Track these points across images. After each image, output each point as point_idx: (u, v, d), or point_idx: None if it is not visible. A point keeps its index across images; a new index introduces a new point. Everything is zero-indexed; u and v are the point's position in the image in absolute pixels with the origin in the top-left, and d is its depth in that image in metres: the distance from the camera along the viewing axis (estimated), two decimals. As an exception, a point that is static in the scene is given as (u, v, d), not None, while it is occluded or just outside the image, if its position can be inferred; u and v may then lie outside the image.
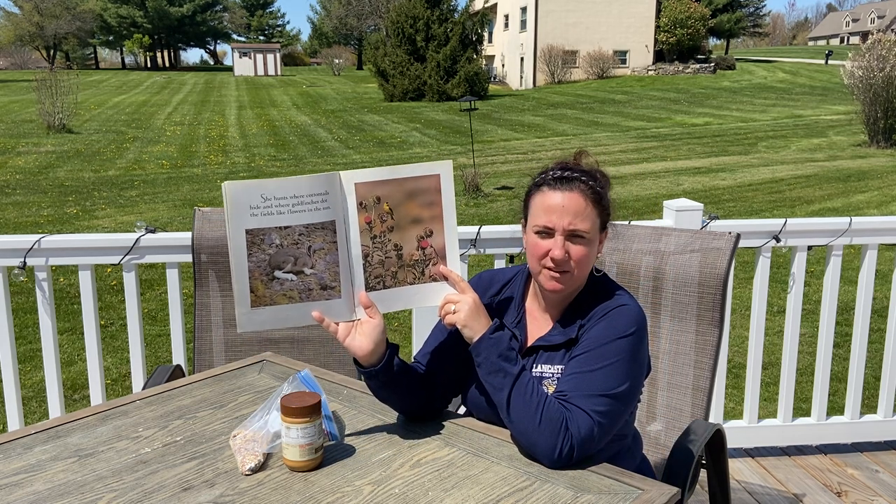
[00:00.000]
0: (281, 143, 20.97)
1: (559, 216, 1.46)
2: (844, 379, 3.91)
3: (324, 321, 1.44)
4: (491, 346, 1.43)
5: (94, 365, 2.76)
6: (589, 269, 1.53)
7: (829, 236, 2.89)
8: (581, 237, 1.47)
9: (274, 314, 1.44)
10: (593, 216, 1.48)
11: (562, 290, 1.51)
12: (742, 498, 2.76)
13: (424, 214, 1.46)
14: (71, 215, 10.81)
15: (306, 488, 1.32)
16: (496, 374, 1.43)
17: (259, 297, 1.43)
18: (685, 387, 2.05)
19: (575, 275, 1.49)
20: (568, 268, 1.48)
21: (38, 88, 21.52)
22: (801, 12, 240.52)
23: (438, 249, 1.47)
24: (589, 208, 1.48)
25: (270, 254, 1.42)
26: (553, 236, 1.47)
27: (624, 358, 1.44)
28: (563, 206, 1.46)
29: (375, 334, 1.45)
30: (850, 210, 10.39)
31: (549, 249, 1.47)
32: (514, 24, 47.39)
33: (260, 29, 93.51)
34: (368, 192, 1.44)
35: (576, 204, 1.46)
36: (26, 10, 72.85)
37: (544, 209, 1.48)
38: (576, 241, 1.47)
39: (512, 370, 1.42)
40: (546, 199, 1.48)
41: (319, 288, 1.45)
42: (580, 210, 1.47)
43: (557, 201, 1.47)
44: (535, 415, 1.38)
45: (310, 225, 1.42)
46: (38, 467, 1.41)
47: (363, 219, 1.45)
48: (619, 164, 15.80)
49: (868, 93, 16.42)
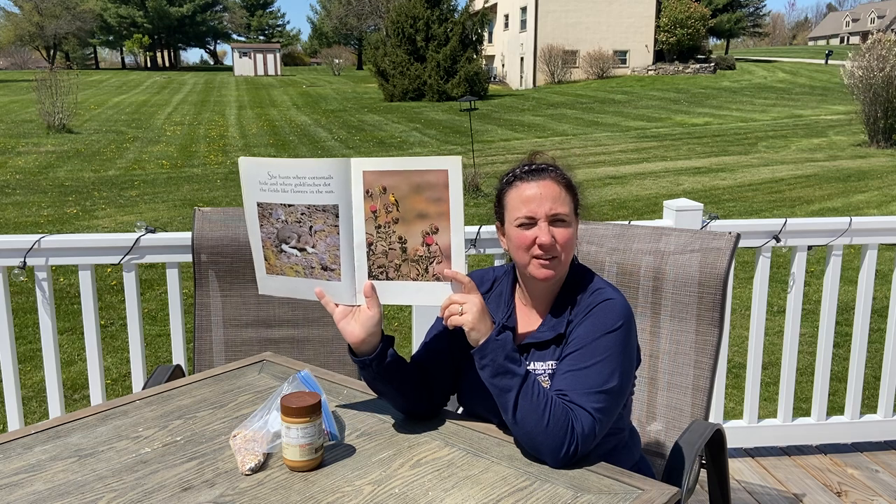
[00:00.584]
0: (281, 143, 20.97)
1: (538, 204, 1.51)
2: (844, 379, 3.91)
3: (324, 298, 1.50)
4: (497, 348, 1.42)
5: (94, 365, 2.76)
6: (573, 253, 1.57)
7: (829, 236, 2.89)
8: (563, 220, 1.52)
9: (284, 283, 1.55)
10: (569, 200, 1.55)
11: (553, 276, 1.53)
12: (742, 498, 2.76)
13: (431, 210, 1.43)
14: (71, 215, 10.81)
15: (306, 488, 1.32)
16: (503, 377, 1.42)
17: (272, 266, 1.54)
18: (685, 387, 2.05)
19: (562, 259, 1.53)
20: (556, 252, 1.52)
21: (38, 88, 21.52)
22: (801, 12, 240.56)
23: (444, 248, 1.45)
24: (563, 193, 1.54)
25: (277, 228, 1.51)
26: (536, 224, 1.51)
27: (615, 352, 1.47)
28: (540, 194, 1.52)
29: (370, 325, 1.47)
30: (850, 210, 10.39)
31: (535, 238, 1.51)
32: (514, 24, 47.39)
33: (260, 29, 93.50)
34: (375, 181, 1.44)
35: (551, 190, 1.52)
36: (26, 10, 72.85)
37: (522, 201, 1.52)
38: (558, 225, 1.52)
39: (519, 371, 1.42)
40: (522, 192, 1.53)
41: (321, 268, 1.50)
42: (556, 195, 1.52)
43: (534, 191, 1.52)
44: (543, 416, 1.38)
45: (311, 206, 1.47)
46: (38, 467, 1.41)
47: (369, 207, 1.45)
48: (619, 164, 15.81)
49: (868, 93, 16.42)
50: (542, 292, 1.60)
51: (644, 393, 2.11)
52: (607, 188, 12.77)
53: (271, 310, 2.53)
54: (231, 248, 2.48)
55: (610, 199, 11.65)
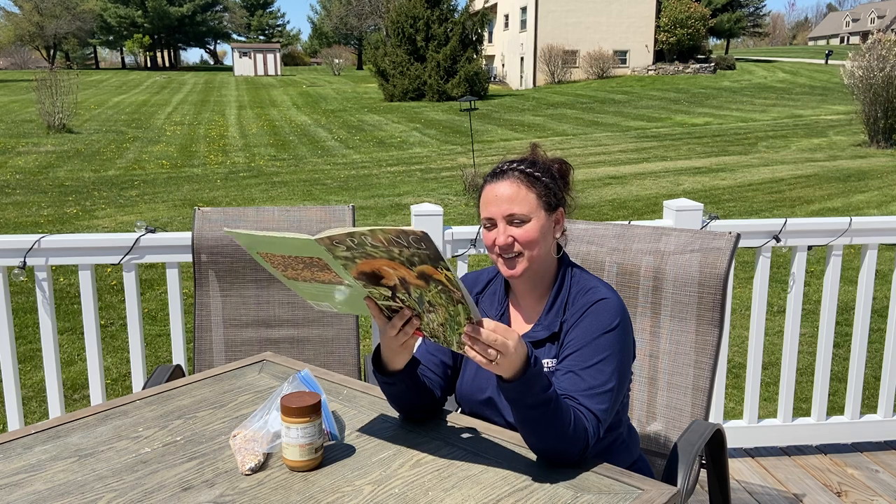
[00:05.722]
0: (281, 142, 20.97)
1: (496, 205, 1.56)
2: (844, 379, 3.92)
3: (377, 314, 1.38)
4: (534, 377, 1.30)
5: (94, 365, 2.76)
6: (541, 248, 1.57)
7: (829, 236, 2.89)
8: (520, 220, 1.54)
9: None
10: (531, 197, 1.56)
11: (516, 274, 1.56)
12: (742, 498, 2.76)
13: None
14: (71, 215, 10.81)
15: (306, 488, 1.32)
16: (538, 408, 1.31)
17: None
18: (685, 387, 2.05)
19: (526, 255, 1.55)
20: (515, 250, 1.55)
21: (38, 88, 21.53)
22: (801, 12, 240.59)
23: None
24: (523, 191, 1.55)
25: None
26: (497, 226, 1.56)
27: (614, 351, 1.49)
28: (496, 195, 1.56)
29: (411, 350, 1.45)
30: (850, 210, 10.39)
31: (495, 238, 1.56)
32: (514, 24, 47.38)
33: (260, 29, 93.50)
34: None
35: (509, 191, 1.55)
36: (26, 10, 72.83)
37: (485, 202, 1.58)
38: (516, 224, 1.55)
39: (552, 395, 1.32)
40: (485, 195, 1.59)
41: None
42: (513, 195, 1.55)
43: (493, 193, 1.57)
44: (568, 428, 1.35)
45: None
46: (38, 467, 1.41)
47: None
48: (619, 164, 15.80)
49: (868, 93, 16.41)
50: (525, 289, 1.63)
51: (644, 393, 2.11)
52: (607, 188, 12.77)
53: (271, 310, 2.53)
54: (231, 248, 2.48)
55: (610, 199, 11.64)
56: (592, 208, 10.74)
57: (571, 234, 2.23)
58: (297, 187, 13.80)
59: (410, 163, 17.13)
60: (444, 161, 17.31)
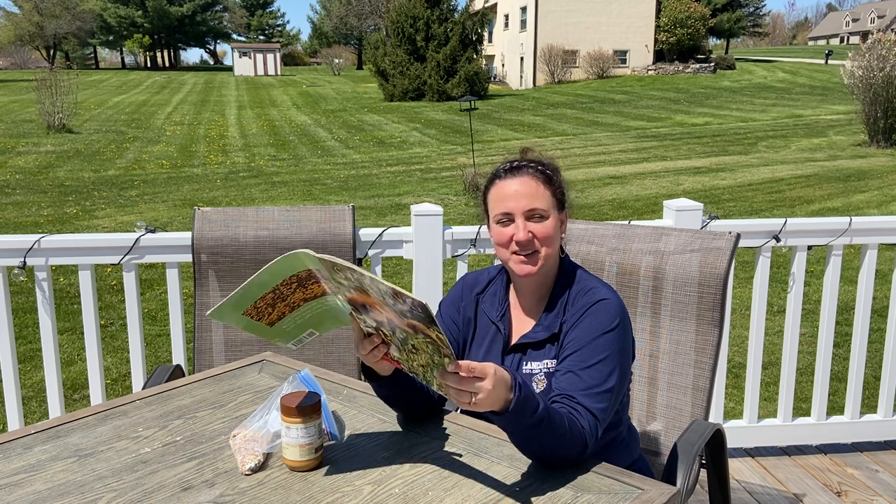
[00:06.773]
0: (281, 142, 20.97)
1: (515, 201, 1.54)
2: (844, 379, 3.92)
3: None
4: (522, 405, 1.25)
5: (94, 365, 2.76)
6: (555, 246, 1.57)
7: (829, 236, 2.89)
8: (540, 216, 1.54)
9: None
10: (547, 195, 1.56)
11: (533, 272, 1.55)
12: (742, 498, 2.76)
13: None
14: (71, 215, 10.81)
15: (306, 488, 1.32)
16: (533, 429, 1.29)
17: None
18: (685, 387, 2.05)
19: (542, 254, 1.55)
20: (534, 248, 1.54)
21: (38, 88, 21.54)
22: (801, 12, 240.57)
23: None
24: (541, 188, 1.56)
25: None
26: (514, 221, 1.54)
27: (614, 351, 1.49)
28: (516, 191, 1.55)
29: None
30: (850, 210, 10.39)
31: (512, 234, 1.54)
32: (514, 24, 47.38)
33: (260, 29, 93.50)
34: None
35: (528, 186, 1.55)
36: (26, 9, 72.83)
37: (501, 198, 1.56)
38: (536, 220, 1.54)
39: (543, 415, 1.29)
40: (501, 189, 1.57)
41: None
42: (533, 191, 1.55)
43: (512, 188, 1.55)
44: (564, 435, 1.34)
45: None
46: (38, 467, 1.41)
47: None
48: (619, 163, 15.81)
49: (868, 92, 16.42)
50: (530, 288, 1.62)
51: (644, 393, 2.11)
52: (607, 188, 12.76)
53: (271, 310, 2.52)
54: (231, 248, 2.48)
55: (610, 199, 11.64)
56: (592, 208, 10.74)
57: (571, 234, 2.23)
58: (296, 187, 13.80)
59: (410, 163, 17.13)
60: (443, 161, 17.32)
